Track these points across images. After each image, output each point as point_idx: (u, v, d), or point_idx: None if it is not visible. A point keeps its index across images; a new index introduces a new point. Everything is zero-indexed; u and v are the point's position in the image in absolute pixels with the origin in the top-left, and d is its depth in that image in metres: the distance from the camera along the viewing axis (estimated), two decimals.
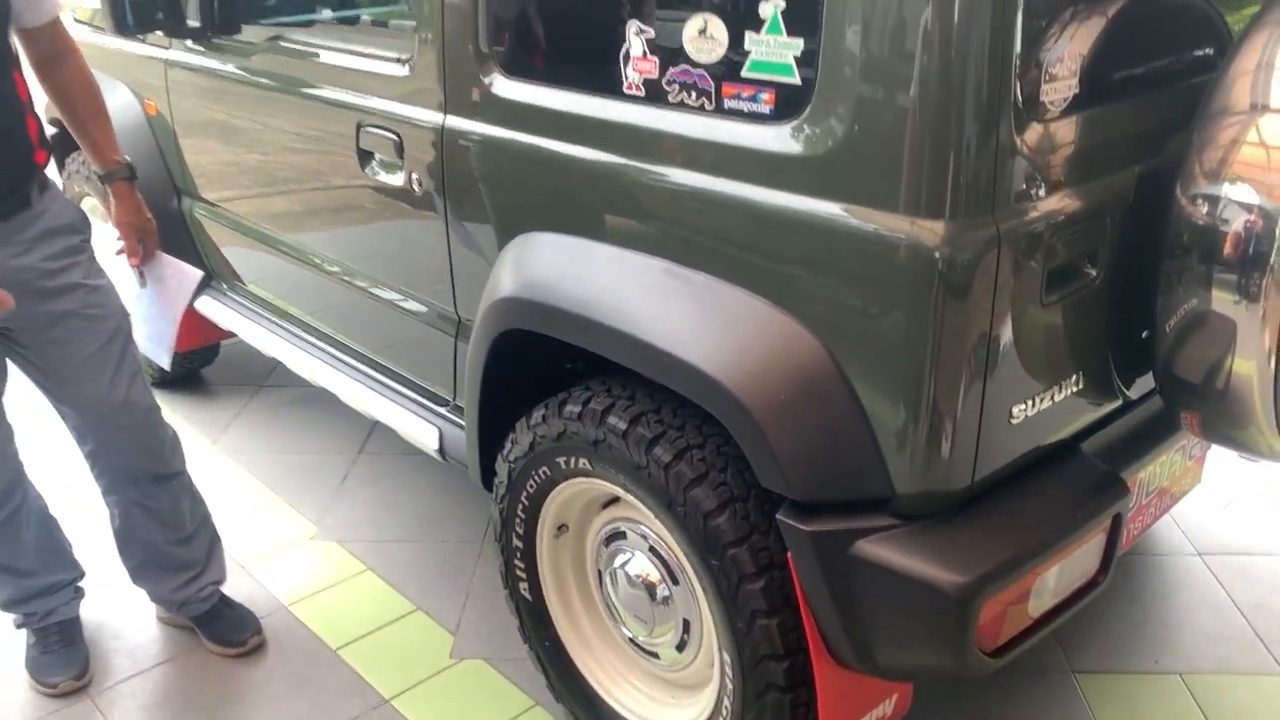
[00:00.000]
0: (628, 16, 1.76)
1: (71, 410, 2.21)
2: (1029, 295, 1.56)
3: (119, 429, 2.21)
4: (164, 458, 2.30)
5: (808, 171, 1.55)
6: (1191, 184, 1.62)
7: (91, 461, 2.29)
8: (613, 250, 1.83)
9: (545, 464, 2.01)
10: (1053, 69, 1.50)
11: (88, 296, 2.12)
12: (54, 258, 2.07)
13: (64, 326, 2.10)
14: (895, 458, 1.57)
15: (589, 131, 1.84)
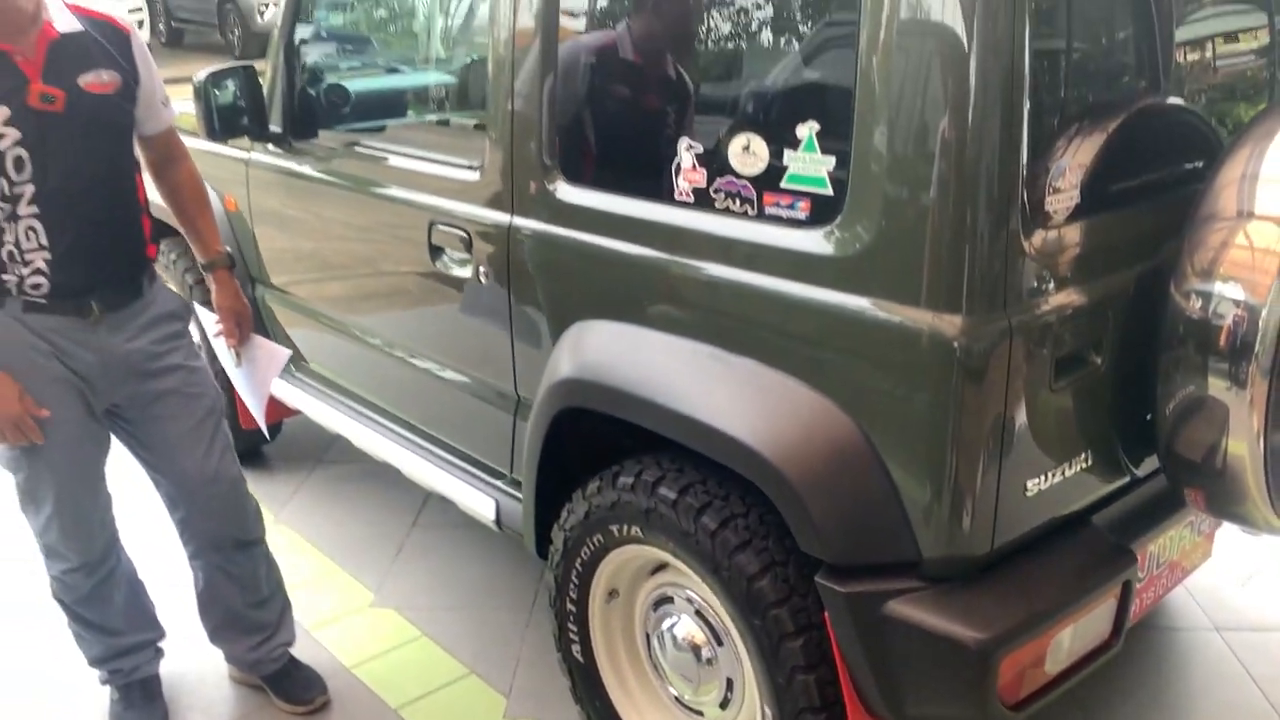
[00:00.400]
0: (679, 134, 1.99)
1: (166, 480, 2.42)
2: (1039, 380, 1.75)
3: (209, 498, 2.41)
4: (247, 526, 2.50)
5: (840, 270, 1.75)
6: (1184, 282, 1.81)
7: (181, 528, 2.49)
8: (664, 337, 2.03)
9: (599, 532, 2.19)
10: (1056, 182, 1.71)
11: (187, 376, 2.35)
12: (159, 341, 2.30)
13: (165, 404, 2.32)
14: (921, 525, 1.75)
15: (644, 232, 2.06)
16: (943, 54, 1.60)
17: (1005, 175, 1.62)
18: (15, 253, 2.10)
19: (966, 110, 1.58)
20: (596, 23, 2.27)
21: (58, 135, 2.08)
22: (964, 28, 1.57)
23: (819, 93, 1.85)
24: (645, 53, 2.14)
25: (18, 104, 2.03)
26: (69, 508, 2.31)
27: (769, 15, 1.93)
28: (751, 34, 1.97)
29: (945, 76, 1.60)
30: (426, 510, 3.55)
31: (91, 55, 2.12)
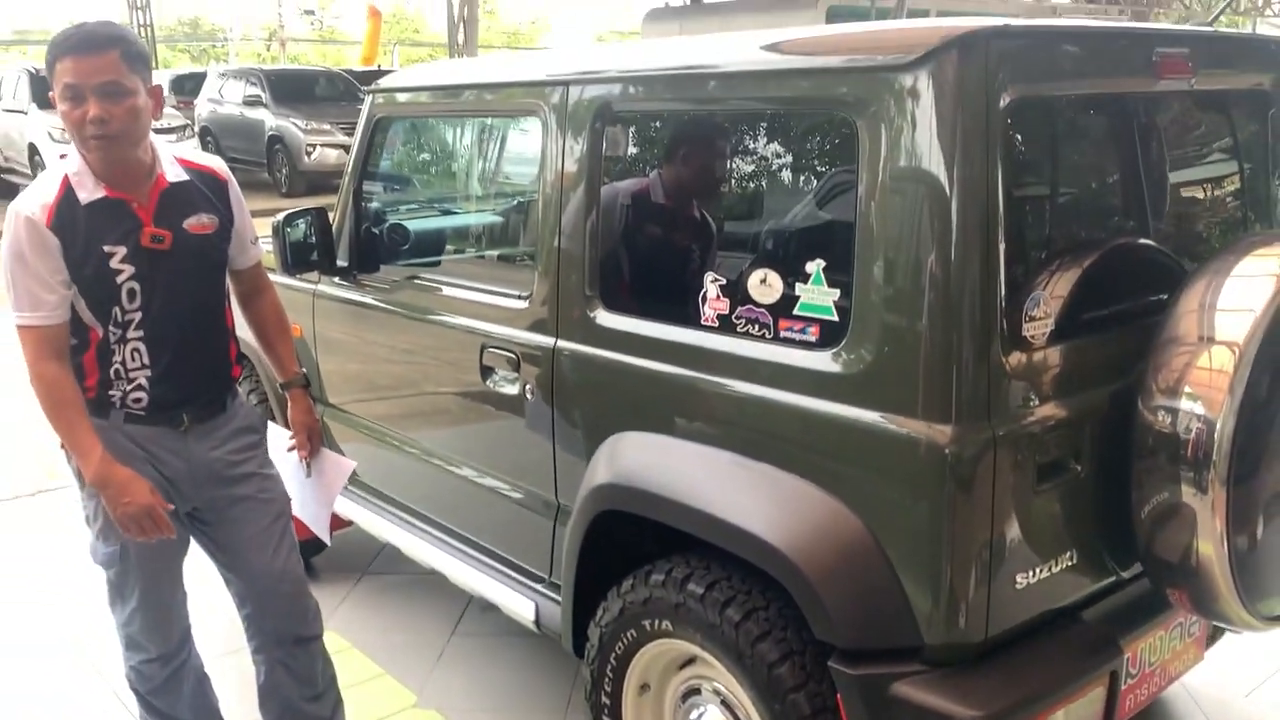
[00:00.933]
0: (705, 268, 2.29)
1: (237, 578, 2.66)
2: (1023, 484, 1.98)
3: (276, 596, 2.64)
4: (308, 622, 2.72)
5: (846, 386, 2.01)
6: (1150, 399, 2.06)
7: (247, 624, 2.71)
8: (692, 445, 2.29)
9: (633, 627, 2.40)
10: (1032, 311, 1.98)
11: (261, 483, 2.61)
12: (238, 451, 2.57)
13: (240, 507, 2.58)
14: (922, 614, 1.96)
15: (674, 353, 2.34)
16: (928, 200, 1.89)
17: (986, 305, 1.89)
18: (121, 370, 2.40)
19: (950, 249, 1.87)
20: (632, 171, 2.59)
21: (164, 270, 2.39)
22: (946, 177, 1.86)
23: (825, 233, 2.15)
24: (675, 197, 2.46)
25: (133, 244, 2.35)
26: (152, 602, 2.54)
27: (782, 166, 2.24)
28: (767, 181, 2.28)
29: (931, 220, 1.88)
30: (466, 618, 3.75)
31: (195, 201, 2.46)
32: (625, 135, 2.54)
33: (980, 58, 1.86)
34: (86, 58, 2.20)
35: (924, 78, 1.87)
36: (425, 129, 3.49)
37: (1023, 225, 2.03)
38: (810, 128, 2.19)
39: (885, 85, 1.92)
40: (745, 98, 2.25)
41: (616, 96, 2.46)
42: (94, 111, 2.20)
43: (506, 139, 3.12)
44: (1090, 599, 2.22)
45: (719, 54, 2.30)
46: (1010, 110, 1.90)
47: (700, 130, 2.45)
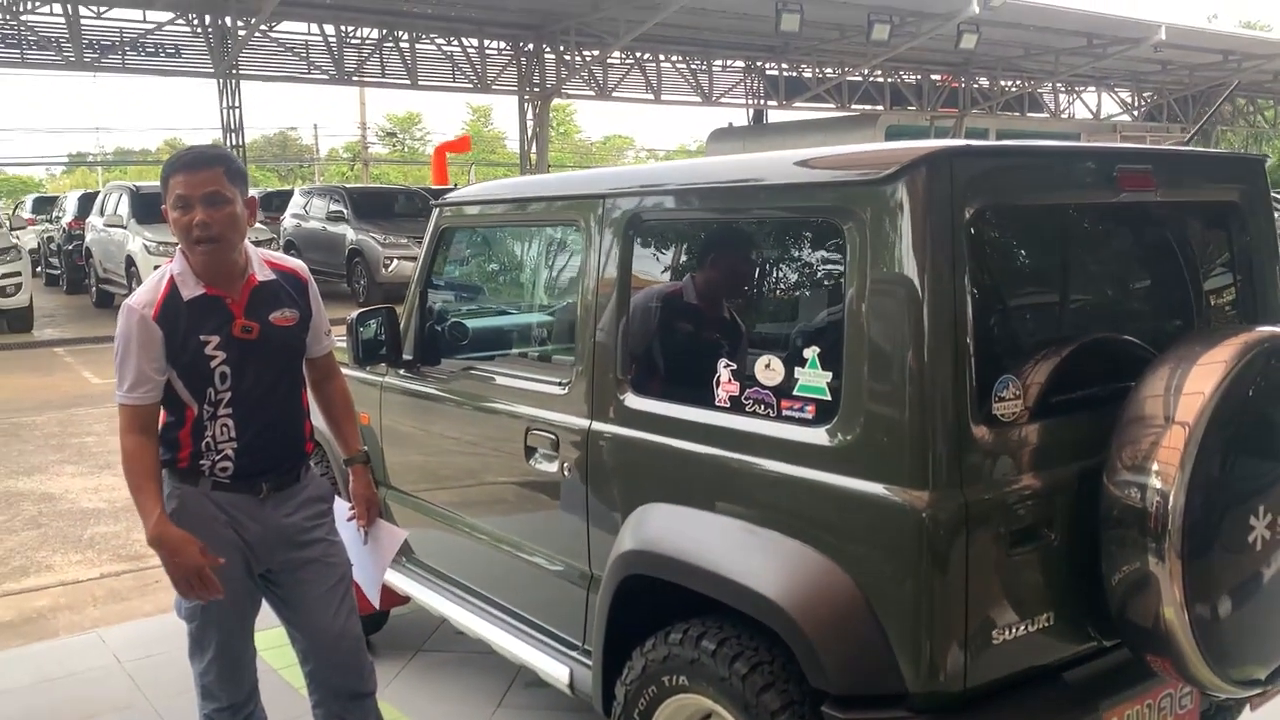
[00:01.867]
0: (719, 356, 2.59)
1: (301, 635, 2.95)
2: (997, 548, 2.21)
3: (336, 652, 2.93)
4: (364, 680, 2.99)
5: (837, 457, 2.28)
6: (1114, 474, 2.28)
7: (309, 679, 2.99)
8: (707, 514, 2.55)
9: (654, 683, 2.63)
10: (1001, 393, 2.24)
11: (328, 548, 2.92)
12: (310, 519, 2.89)
13: (309, 569, 2.88)
14: (906, 664, 2.18)
15: (692, 431, 2.62)
16: (903, 294, 2.18)
17: (957, 386, 2.16)
18: (211, 443, 2.75)
19: (922, 337, 2.15)
20: (656, 272, 2.92)
21: (252, 356, 2.76)
22: (917, 276, 2.16)
23: (820, 324, 2.44)
24: (692, 295, 2.79)
25: (226, 334, 2.72)
26: (227, 654, 2.84)
27: (783, 266, 2.56)
28: (770, 280, 2.60)
29: (905, 312, 2.17)
30: (511, 693, 3.98)
31: (280, 297, 2.84)
32: (653, 242, 2.89)
33: (946, 173, 2.17)
34: (195, 173, 2.62)
35: (897, 190, 2.18)
36: (484, 238, 3.90)
37: (990, 317, 2.30)
38: (806, 233, 2.50)
39: (866, 197, 2.24)
40: (750, 208, 2.58)
41: (643, 208, 2.82)
42: (199, 217, 2.61)
43: (552, 246, 3.50)
44: (1073, 661, 2.41)
45: (727, 171, 2.65)
46: (975, 219, 2.20)
47: (716, 238, 2.79)
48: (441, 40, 21.67)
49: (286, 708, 3.63)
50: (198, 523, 2.74)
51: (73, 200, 19.88)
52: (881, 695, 2.21)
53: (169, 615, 4.75)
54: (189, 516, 2.73)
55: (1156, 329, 2.65)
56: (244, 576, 2.82)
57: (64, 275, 19.61)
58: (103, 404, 9.77)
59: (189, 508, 2.74)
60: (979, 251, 2.24)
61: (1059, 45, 23.48)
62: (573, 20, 20.47)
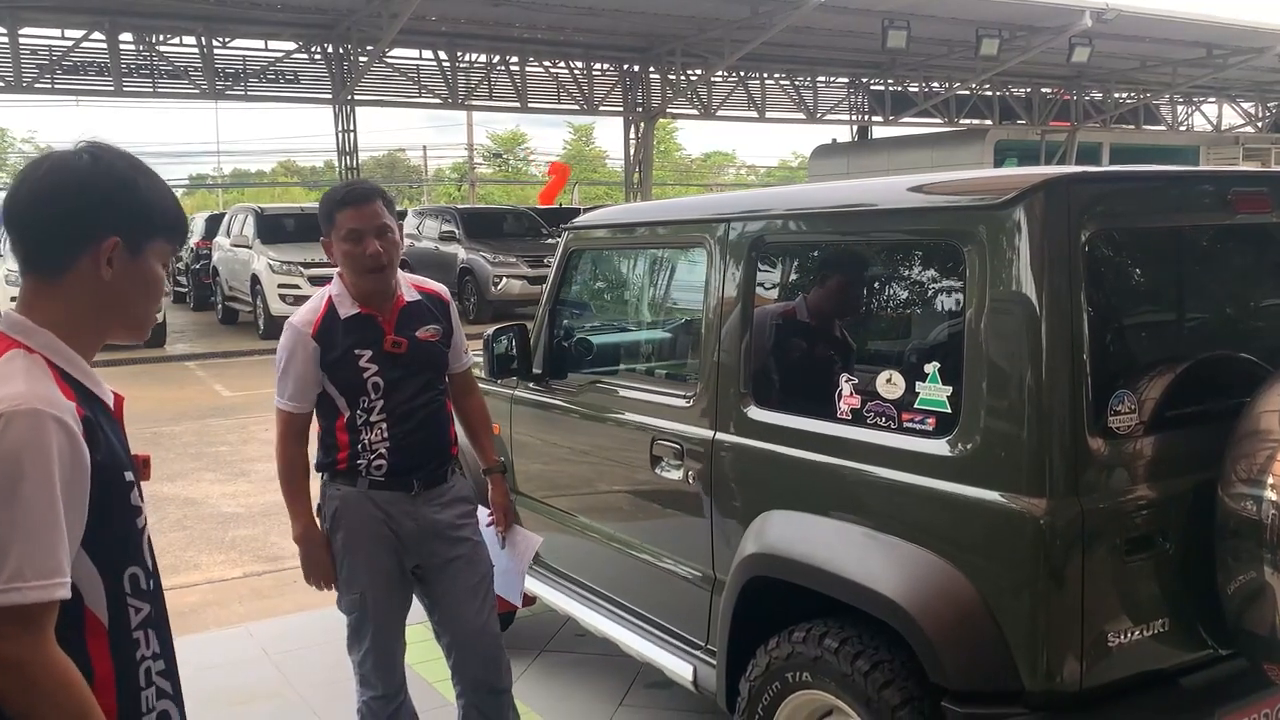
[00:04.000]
0: (841, 371, 2.74)
1: (446, 630, 3.18)
2: (1112, 555, 2.31)
3: (477, 647, 3.15)
4: (501, 676, 3.21)
5: (957, 467, 2.41)
6: (1230, 487, 2.36)
7: (453, 671, 3.21)
8: (828, 520, 2.70)
9: (777, 680, 2.78)
10: (1116, 406, 2.34)
11: (473, 548, 3.15)
12: (457, 517, 3.12)
13: (455, 566, 3.11)
14: (1023, 663, 2.29)
15: (814, 442, 2.77)
16: (1021, 313, 2.30)
17: (1074, 400, 2.27)
18: (366, 445, 3.01)
19: (1040, 353, 2.27)
20: (779, 291, 3.08)
21: (401, 368, 3.01)
22: (1035, 295, 2.28)
23: (940, 341, 2.57)
24: (814, 314, 2.95)
25: (378, 348, 2.98)
26: (381, 645, 3.08)
27: (904, 287, 2.70)
28: (892, 299, 2.74)
29: (1024, 329, 2.29)
30: (632, 692, 4.16)
31: (425, 316, 3.09)
32: (774, 263, 3.05)
33: (1063, 198, 2.29)
34: (363, 207, 2.90)
35: (1017, 215, 2.31)
36: (610, 259, 4.11)
37: (1105, 334, 2.40)
38: (927, 256, 2.64)
39: (986, 221, 2.37)
40: (872, 232, 2.73)
41: (767, 231, 2.99)
42: (373, 248, 2.88)
43: (676, 267, 3.69)
44: (1189, 668, 2.48)
45: (852, 196, 2.80)
46: (1091, 241, 2.31)
47: (835, 259, 2.94)
48: (549, 63, 22.19)
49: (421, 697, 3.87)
50: (358, 521, 3.00)
51: (200, 221, 20.94)
52: (999, 692, 2.33)
53: (309, 612, 5.09)
54: (351, 515, 2.99)
55: (1272, 347, 2.70)
56: (398, 572, 3.06)
57: (191, 293, 20.65)
58: (234, 415, 10.33)
59: (350, 506, 3.00)
60: (1095, 272, 2.35)
61: (1176, 56, 22.83)
62: (679, 42, 20.77)
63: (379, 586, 3.03)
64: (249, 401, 11.08)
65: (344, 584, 3.06)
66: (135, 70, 19.36)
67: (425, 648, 4.57)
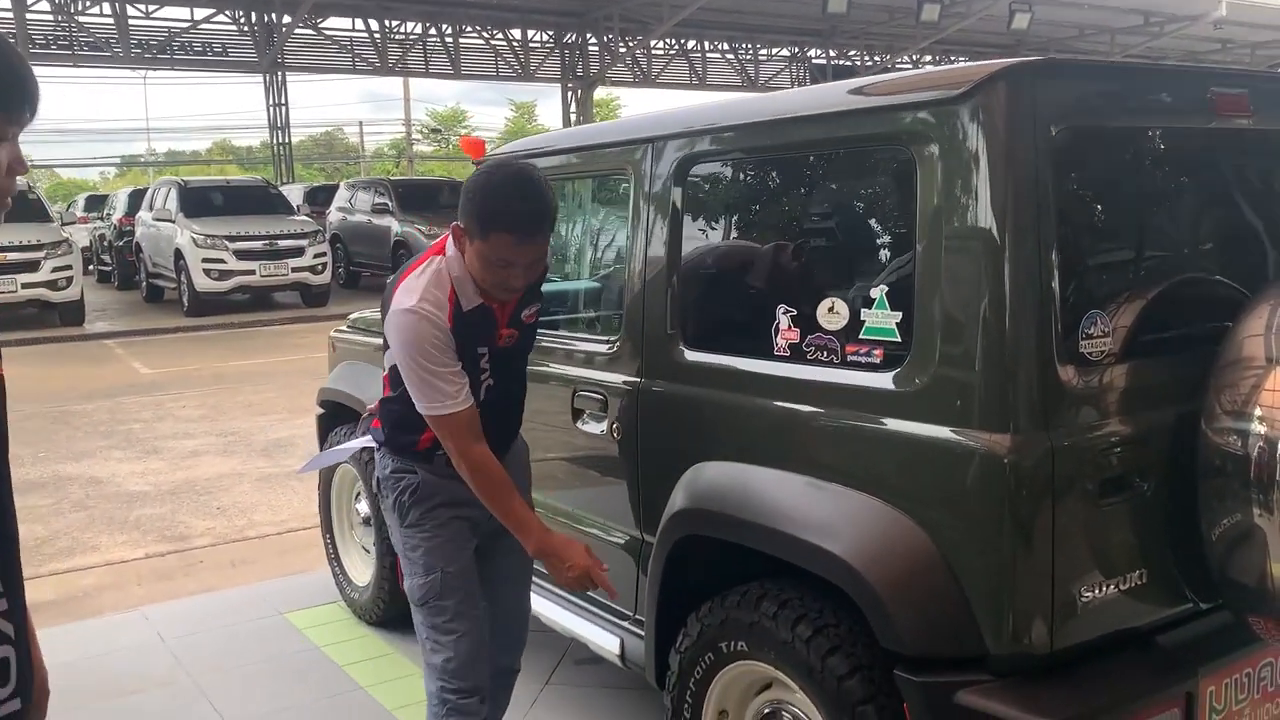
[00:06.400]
0: (778, 302, 2.43)
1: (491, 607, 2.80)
2: (1086, 498, 2.02)
3: (511, 630, 2.85)
4: (517, 657, 2.92)
5: (909, 403, 2.11)
6: (1214, 420, 2.09)
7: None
8: (766, 470, 2.39)
9: (710, 650, 2.48)
10: (1089, 329, 2.05)
11: None
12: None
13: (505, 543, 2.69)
14: (986, 624, 2.00)
15: (749, 383, 2.46)
16: (982, 223, 2.00)
17: (1041, 321, 1.98)
18: None
19: (1003, 267, 1.97)
20: (709, 217, 2.75)
21: (507, 356, 2.61)
22: (998, 201, 1.98)
23: (888, 261, 2.27)
24: (748, 238, 2.63)
25: (493, 344, 2.55)
26: (475, 634, 2.64)
27: (846, 201, 2.39)
28: (833, 217, 2.43)
29: (985, 241, 1.99)
30: (560, 669, 3.84)
31: (530, 294, 2.63)
32: (704, 186, 2.72)
33: (1027, 90, 1.99)
34: (530, 243, 2.39)
35: (974, 110, 2.00)
36: None
37: (1076, 249, 2.11)
38: (872, 164, 2.33)
39: (939, 119, 2.06)
40: (811, 143, 2.41)
41: (694, 151, 2.66)
42: (519, 281, 2.46)
43: (598, 198, 3.34)
44: (1167, 625, 2.22)
45: (787, 104, 2.48)
46: (1059, 140, 2.01)
47: (770, 177, 2.62)
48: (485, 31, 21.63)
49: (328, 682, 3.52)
50: (445, 500, 2.63)
51: (122, 197, 20.08)
52: (959, 657, 2.04)
53: (211, 594, 4.71)
54: (437, 493, 2.63)
55: (1255, 266, 2.44)
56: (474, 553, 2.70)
57: (115, 271, 19.85)
58: (151, 392, 9.82)
59: (434, 484, 2.62)
60: (1064, 177, 2.06)
61: (1114, 24, 22.91)
62: (616, 6, 20.33)
63: (463, 565, 2.65)
64: (168, 379, 10.56)
65: (423, 567, 2.63)
66: (53, 41, 18.57)
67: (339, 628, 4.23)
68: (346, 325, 4.52)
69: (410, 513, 2.63)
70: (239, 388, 9.89)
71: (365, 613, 4.23)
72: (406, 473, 2.64)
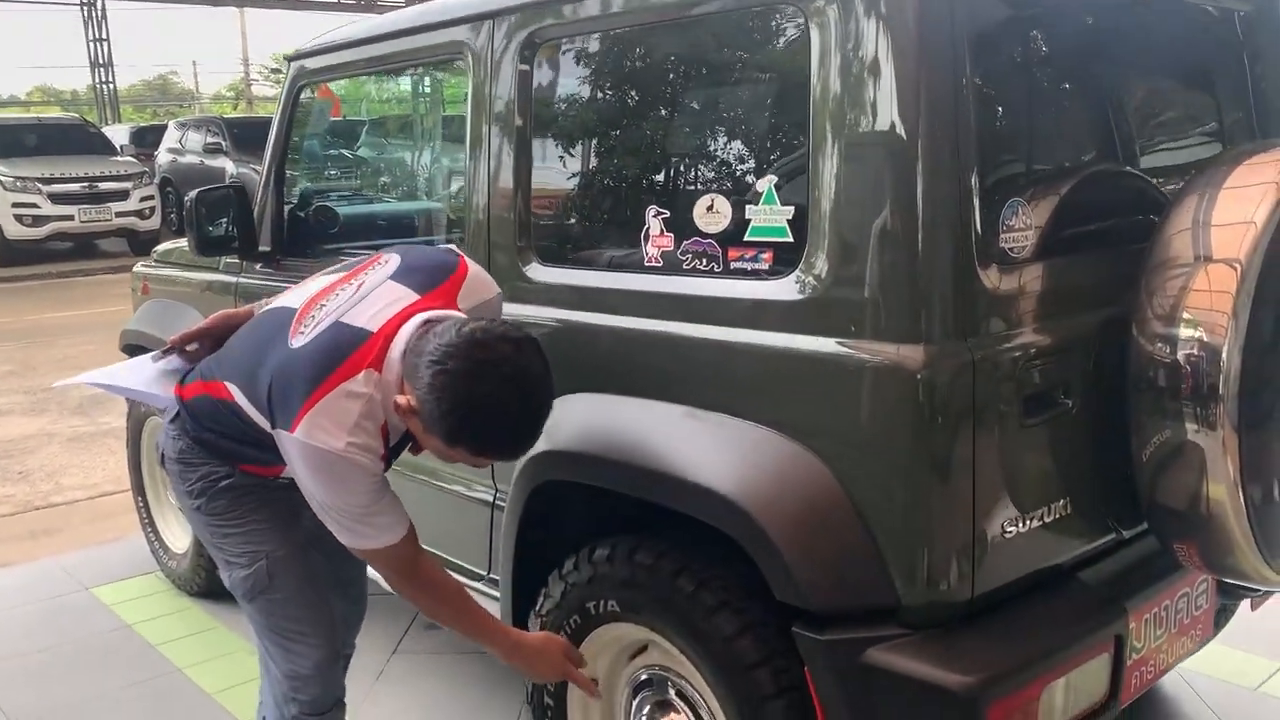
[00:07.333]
0: (647, 203, 2.05)
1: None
2: (1008, 418, 1.74)
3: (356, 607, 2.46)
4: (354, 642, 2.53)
5: (804, 313, 1.78)
6: (1145, 326, 1.83)
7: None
8: (636, 402, 2.03)
9: (576, 612, 2.12)
10: (1009, 220, 1.75)
11: None
12: None
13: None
14: (898, 569, 1.71)
15: (614, 302, 2.09)
16: (889, 97, 1.66)
17: (962, 214, 1.67)
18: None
19: (915, 149, 1.64)
20: (562, 105, 2.35)
21: None
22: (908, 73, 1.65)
23: (777, 147, 1.92)
24: (611, 129, 2.24)
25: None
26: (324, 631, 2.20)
27: (726, 80, 2.03)
28: (710, 100, 2.06)
29: (893, 119, 1.66)
30: (409, 637, 3.45)
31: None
32: (553, 67, 2.31)
33: None
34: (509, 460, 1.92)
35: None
36: (349, 96, 3.26)
37: (995, 125, 1.81)
38: (757, 33, 1.96)
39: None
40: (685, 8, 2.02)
41: (544, 24, 2.24)
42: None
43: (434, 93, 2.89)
44: (1086, 560, 1.98)
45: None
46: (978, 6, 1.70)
47: (634, 52, 2.22)
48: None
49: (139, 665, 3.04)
50: (262, 495, 2.14)
51: None
52: (868, 610, 1.74)
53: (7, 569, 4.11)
54: (252, 490, 2.13)
55: (1187, 151, 2.19)
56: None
57: None
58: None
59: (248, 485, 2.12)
60: (981, 40, 1.74)
61: None
62: None
63: (299, 543, 2.16)
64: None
65: (243, 556, 2.12)
66: None
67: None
68: (154, 259, 3.94)
69: (217, 500, 2.11)
70: (54, 341, 9.00)
71: (185, 583, 3.74)
72: (203, 462, 2.11)
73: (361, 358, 1.81)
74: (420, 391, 1.73)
